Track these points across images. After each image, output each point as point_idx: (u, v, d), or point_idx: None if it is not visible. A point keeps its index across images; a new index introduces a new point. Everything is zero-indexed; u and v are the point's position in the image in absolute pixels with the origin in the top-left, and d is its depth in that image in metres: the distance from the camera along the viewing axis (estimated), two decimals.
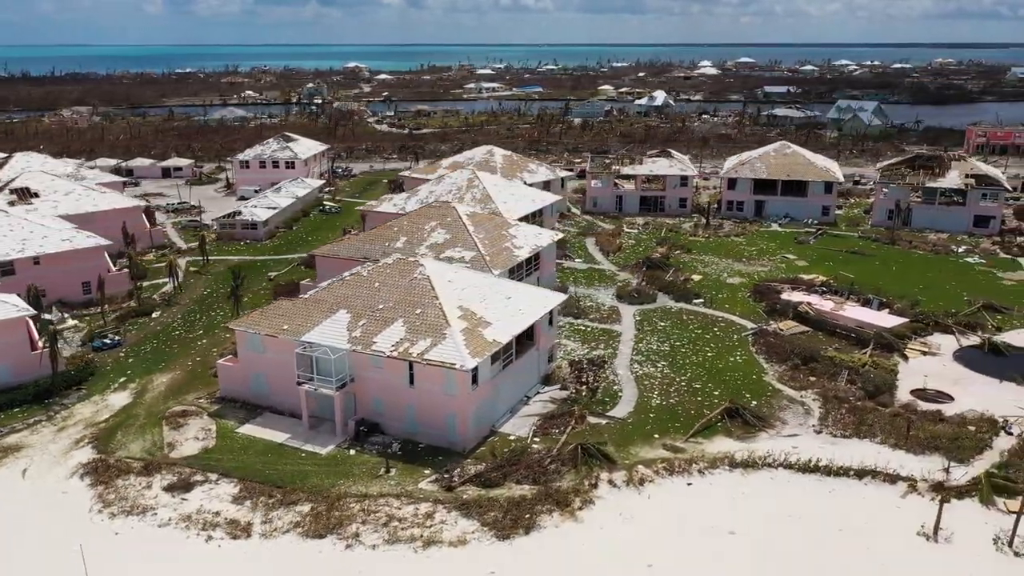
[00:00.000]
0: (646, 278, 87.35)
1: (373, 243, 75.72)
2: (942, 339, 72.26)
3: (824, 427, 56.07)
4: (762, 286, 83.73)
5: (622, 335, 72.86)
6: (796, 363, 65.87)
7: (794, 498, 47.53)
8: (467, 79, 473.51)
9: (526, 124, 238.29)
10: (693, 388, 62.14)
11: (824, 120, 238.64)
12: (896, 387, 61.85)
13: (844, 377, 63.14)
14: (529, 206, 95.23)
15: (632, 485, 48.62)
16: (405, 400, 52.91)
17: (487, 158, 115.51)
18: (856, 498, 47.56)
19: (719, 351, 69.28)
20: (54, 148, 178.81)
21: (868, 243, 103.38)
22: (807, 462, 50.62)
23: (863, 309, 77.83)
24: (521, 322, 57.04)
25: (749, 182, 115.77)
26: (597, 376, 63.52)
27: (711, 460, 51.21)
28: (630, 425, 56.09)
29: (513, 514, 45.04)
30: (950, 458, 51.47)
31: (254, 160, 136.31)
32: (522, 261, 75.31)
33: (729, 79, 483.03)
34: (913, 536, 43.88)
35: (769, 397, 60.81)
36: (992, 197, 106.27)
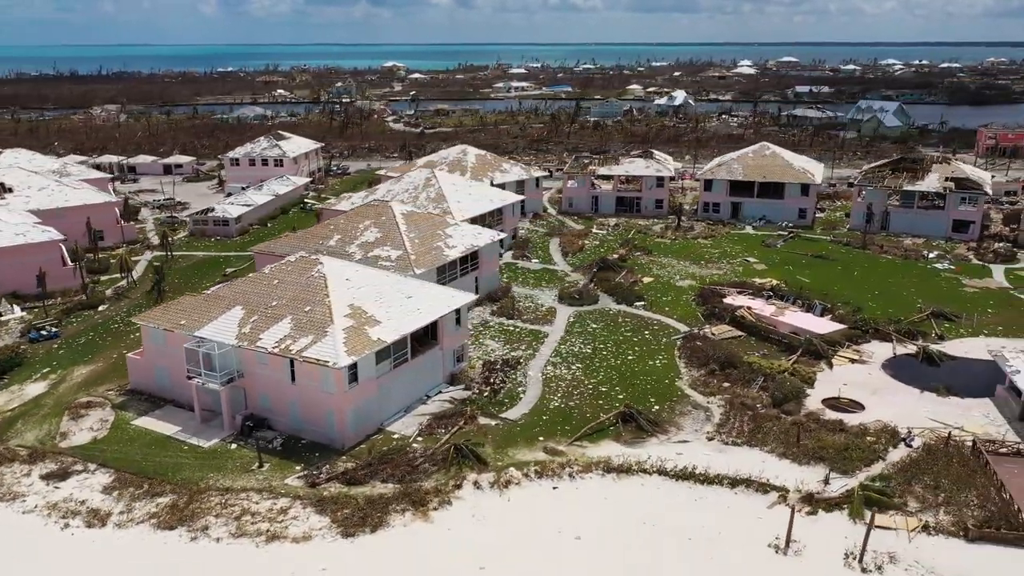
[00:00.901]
0: (596, 280, 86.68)
1: (308, 241, 76.60)
2: (881, 347, 70.46)
3: (718, 434, 55.09)
4: (707, 290, 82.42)
5: (549, 336, 72.47)
6: (713, 368, 64.81)
7: (656, 505, 46.85)
8: (500, 78, 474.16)
9: (539, 123, 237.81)
10: (599, 391, 61.56)
11: (845, 121, 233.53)
12: (805, 395, 60.40)
13: (758, 384, 61.95)
14: (486, 205, 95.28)
15: (497, 487, 48.43)
16: (289, 397, 53.52)
17: (460, 157, 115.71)
18: (721, 507, 46.69)
19: (642, 354, 68.48)
20: (69, 145, 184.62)
21: (839, 247, 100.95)
22: (682, 469, 49.85)
23: (803, 315, 76.19)
24: (415, 321, 57.19)
25: (725, 183, 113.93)
26: (506, 377, 63.40)
27: (586, 464, 50.75)
28: (519, 427, 55.83)
29: (365, 512, 45.26)
30: (835, 469, 50.22)
31: (244, 158, 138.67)
32: (454, 260, 75.43)
33: (765, 79, 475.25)
34: (764, 547, 42.93)
35: (675, 402, 59.98)
36: (971, 201, 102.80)
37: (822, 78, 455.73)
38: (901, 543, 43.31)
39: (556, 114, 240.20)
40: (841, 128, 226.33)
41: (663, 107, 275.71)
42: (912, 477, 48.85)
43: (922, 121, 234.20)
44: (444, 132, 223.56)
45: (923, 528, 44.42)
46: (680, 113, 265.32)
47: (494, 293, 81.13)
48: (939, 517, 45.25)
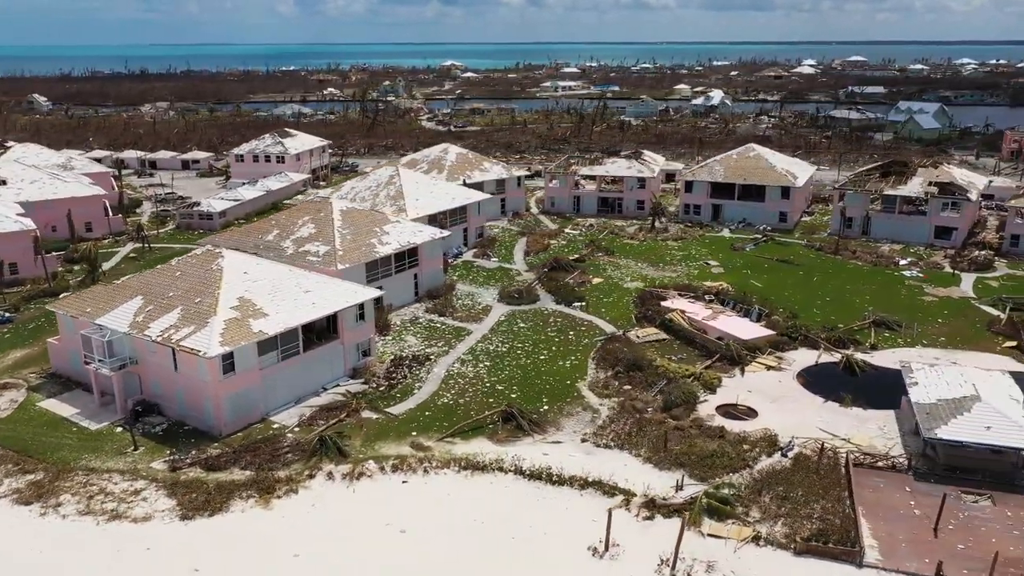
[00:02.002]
0: (546, 279, 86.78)
1: (248, 236, 79.12)
2: (809, 354, 68.78)
3: (594, 436, 54.90)
4: (648, 292, 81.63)
5: (472, 334, 73.09)
6: (619, 371, 64.47)
7: (496, 503, 47.14)
8: (552, 77, 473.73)
9: (568, 123, 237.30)
10: (495, 390, 61.96)
11: (883, 123, 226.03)
12: (700, 401, 59.56)
13: (658, 388, 61.37)
14: (446, 203, 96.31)
15: (348, 479, 49.50)
16: (175, 384, 55.66)
17: (441, 156, 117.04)
18: (560, 509, 46.70)
19: (556, 355, 68.51)
20: (104, 140, 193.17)
21: (810, 252, 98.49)
22: (536, 469, 49.98)
23: (735, 320, 74.87)
24: (306, 315, 58.68)
25: (706, 185, 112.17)
26: (410, 373, 64.40)
27: (445, 461, 51.35)
28: (397, 422, 56.73)
29: (210, 497, 46.91)
30: (693, 475, 49.62)
31: (248, 154, 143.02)
32: (386, 257, 76.70)
33: (824, 78, 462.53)
34: (583, 550, 42.86)
35: (567, 403, 59.94)
36: (955, 207, 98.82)
37: (882, 78, 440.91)
38: (727, 552, 42.68)
39: (584, 114, 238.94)
40: (878, 130, 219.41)
41: (699, 107, 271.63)
42: (766, 487, 47.93)
43: (968, 123, 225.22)
44: (471, 131, 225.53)
45: (754, 539, 43.64)
46: (716, 113, 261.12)
47: (435, 290, 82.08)
48: (774, 528, 44.36)
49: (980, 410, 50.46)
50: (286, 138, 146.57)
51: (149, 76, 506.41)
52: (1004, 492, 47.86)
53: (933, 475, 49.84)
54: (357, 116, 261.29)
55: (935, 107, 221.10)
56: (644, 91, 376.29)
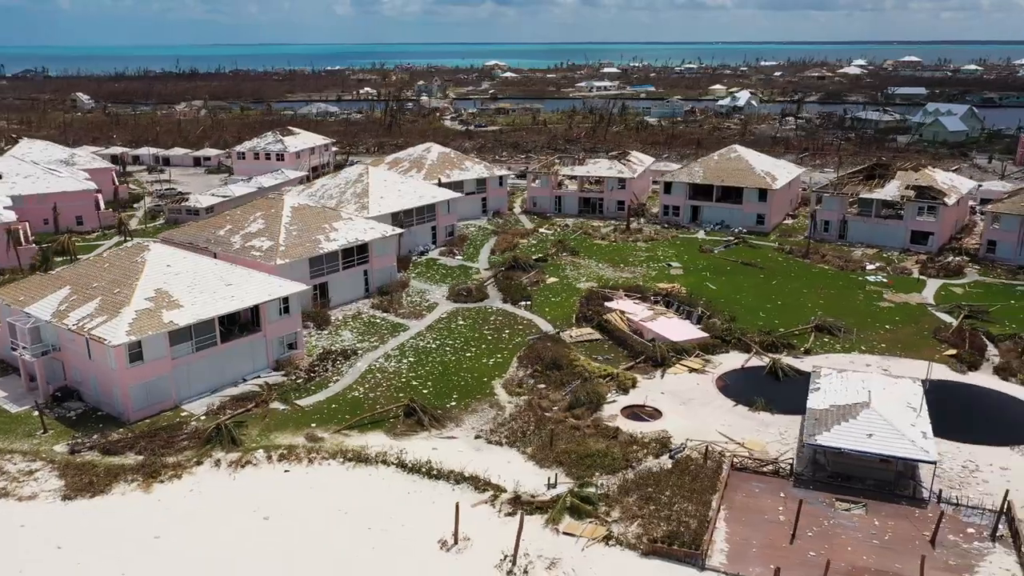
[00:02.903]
0: (502, 278, 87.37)
1: (203, 231, 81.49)
2: (741, 358, 68.14)
3: (488, 433, 55.42)
4: (594, 292, 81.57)
5: (408, 330, 74.16)
6: (537, 370, 64.83)
7: (367, 494, 48.09)
8: (591, 77, 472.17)
9: (588, 124, 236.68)
10: (410, 385, 62.92)
11: (911, 124, 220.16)
12: (608, 401, 59.56)
13: (569, 388, 61.52)
14: (413, 202, 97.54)
15: (234, 467, 50.99)
16: (91, 371, 57.96)
17: (423, 155, 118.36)
18: (427, 502, 47.37)
19: (483, 352, 69.16)
20: (127, 137, 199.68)
21: (779, 255, 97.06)
22: (416, 463, 50.76)
23: (673, 321, 74.42)
24: (222, 307, 60.41)
25: (685, 187, 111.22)
26: (333, 367, 65.75)
27: (333, 452, 52.49)
28: (301, 413, 58.09)
29: (95, 480, 48.84)
30: (570, 474, 49.84)
31: (249, 152, 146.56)
32: (332, 253, 78.18)
33: (869, 79, 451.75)
34: (433, 542, 43.52)
35: (476, 400, 60.55)
36: (931, 211, 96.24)
37: (928, 79, 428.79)
38: (575, 551, 42.91)
39: (603, 114, 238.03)
40: (904, 132, 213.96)
41: (725, 108, 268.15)
42: (636, 488, 47.86)
43: (1002, 125, 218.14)
44: (489, 131, 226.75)
45: (605, 538, 43.75)
46: (741, 114, 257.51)
47: (388, 287, 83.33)
48: (629, 529, 44.36)
49: (866, 417, 49.57)
50: (287, 136, 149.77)
51: (196, 75, 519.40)
52: (881, 501, 47.02)
53: (813, 482, 49.19)
54: (381, 115, 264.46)
55: (963, 109, 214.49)
56: (680, 92, 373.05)
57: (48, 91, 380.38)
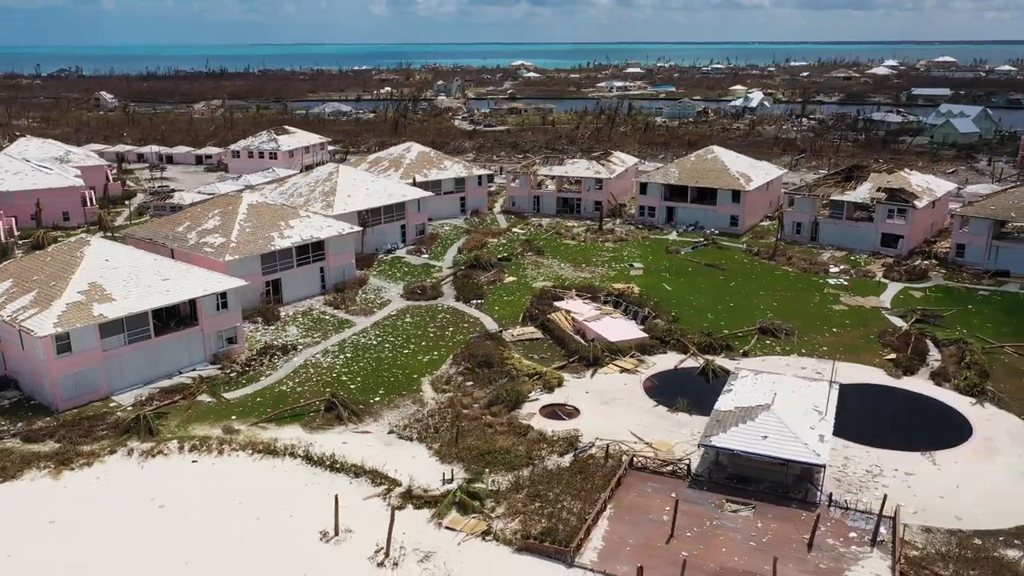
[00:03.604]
0: (462, 276, 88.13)
1: (164, 227, 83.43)
2: (677, 358, 68.11)
3: (402, 429, 56.15)
4: (545, 292, 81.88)
5: (355, 327, 75.25)
6: (469, 367, 65.45)
7: (265, 485, 49.09)
8: (616, 77, 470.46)
9: (594, 124, 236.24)
10: (339, 380, 63.92)
11: (925, 126, 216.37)
12: (528, 400, 59.96)
13: (495, 386, 62.00)
14: (380, 200, 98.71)
15: (145, 456, 52.37)
16: (25, 361, 59.84)
17: (402, 154, 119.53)
18: (322, 495, 47.92)
19: (421, 350, 69.94)
20: (137, 135, 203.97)
21: (746, 257, 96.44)
22: (321, 456, 51.69)
23: (618, 321, 74.46)
24: (155, 301, 61.95)
25: (660, 187, 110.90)
26: (270, 361, 67.02)
27: (244, 444, 53.65)
28: (224, 406, 59.38)
29: (9, 465, 50.49)
30: (468, 470, 50.43)
31: (244, 151, 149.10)
32: (285, 249, 79.52)
33: (897, 79, 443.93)
34: (315, 533, 44.37)
35: (401, 396, 61.36)
36: (902, 214, 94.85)
37: (959, 80, 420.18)
38: (451, 545, 43.49)
39: (611, 114, 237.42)
40: (917, 133, 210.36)
41: (738, 108, 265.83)
42: (530, 485, 48.24)
43: (1018, 127, 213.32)
44: (497, 130, 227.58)
45: (484, 533, 44.27)
46: (753, 115, 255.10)
47: (345, 284, 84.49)
48: (509, 525, 44.79)
49: (764, 420, 49.40)
50: (281, 135, 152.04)
51: (222, 75, 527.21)
52: (772, 504, 46.83)
53: (709, 483, 49.15)
54: (392, 114, 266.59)
55: (976, 110, 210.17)
56: (701, 92, 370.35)
57: (78, 90, 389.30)
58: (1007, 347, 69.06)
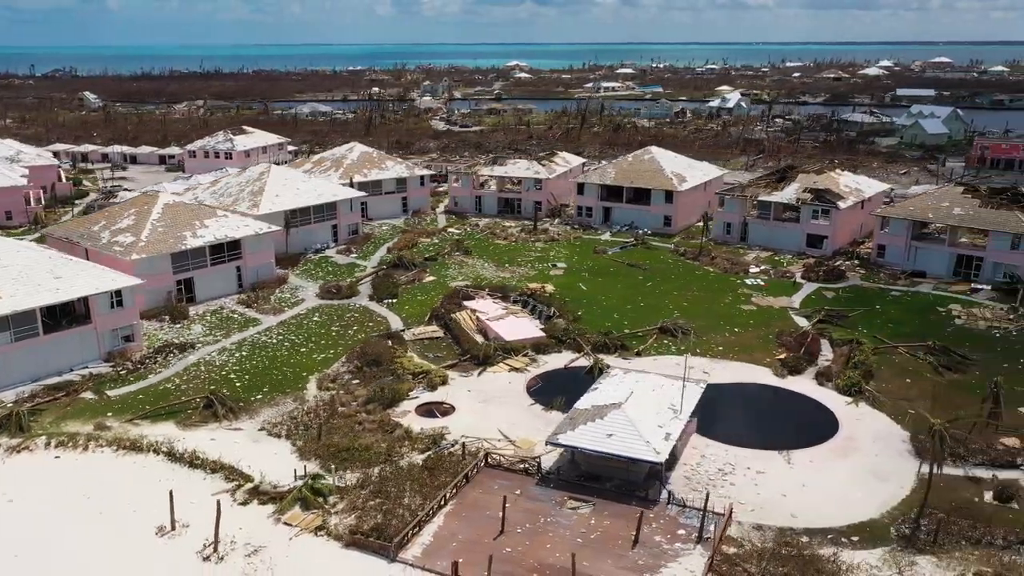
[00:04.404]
0: (383, 275, 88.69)
1: (81, 226, 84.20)
2: (570, 357, 68.52)
3: (272, 426, 56.68)
4: (457, 291, 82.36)
5: (260, 325, 75.88)
6: (359, 365, 66.01)
7: (117, 481, 49.63)
8: (607, 78, 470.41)
9: (571, 125, 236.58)
10: (227, 378, 64.53)
11: (894, 127, 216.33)
12: (403, 398, 60.46)
13: (376, 384, 62.48)
14: (311, 200, 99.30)
15: (10, 452, 53.02)
16: None
17: (345, 154, 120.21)
18: (175, 490, 48.45)
19: (319, 348, 70.52)
20: (108, 135, 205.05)
21: (671, 257, 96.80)
22: (182, 453, 52.27)
23: (521, 321, 74.87)
24: (43, 299, 62.63)
25: (597, 188, 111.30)
26: (164, 359, 67.65)
27: (112, 440, 54.23)
28: (104, 403, 60.03)
29: None
30: (324, 467, 50.97)
31: (200, 151, 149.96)
32: (197, 248, 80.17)
33: (888, 80, 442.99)
34: (150, 527, 44.95)
35: (284, 394, 61.92)
36: (825, 214, 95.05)
37: (946, 80, 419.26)
38: (283, 540, 44.02)
39: (582, 114, 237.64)
40: (888, 134, 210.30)
41: (715, 109, 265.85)
42: (377, 482, 48.76)
43: (989, 128, 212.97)
44: (471, 131, 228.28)
45: (317, 528, 44.81)
46: (729, 115, 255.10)
47: (263, 283, 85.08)
48: (344, 520, 45.30)
49: (612, 417, 49.85)
50: (238, 135, 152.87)
51: (213, 75, 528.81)
52: (614, 501, 47.20)
53: (556, 480, 49.59)
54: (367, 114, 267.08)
55: (947, 111, 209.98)
56: (688, 92, 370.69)
57: (68, 90, 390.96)
58: (900, 347, 69.28)
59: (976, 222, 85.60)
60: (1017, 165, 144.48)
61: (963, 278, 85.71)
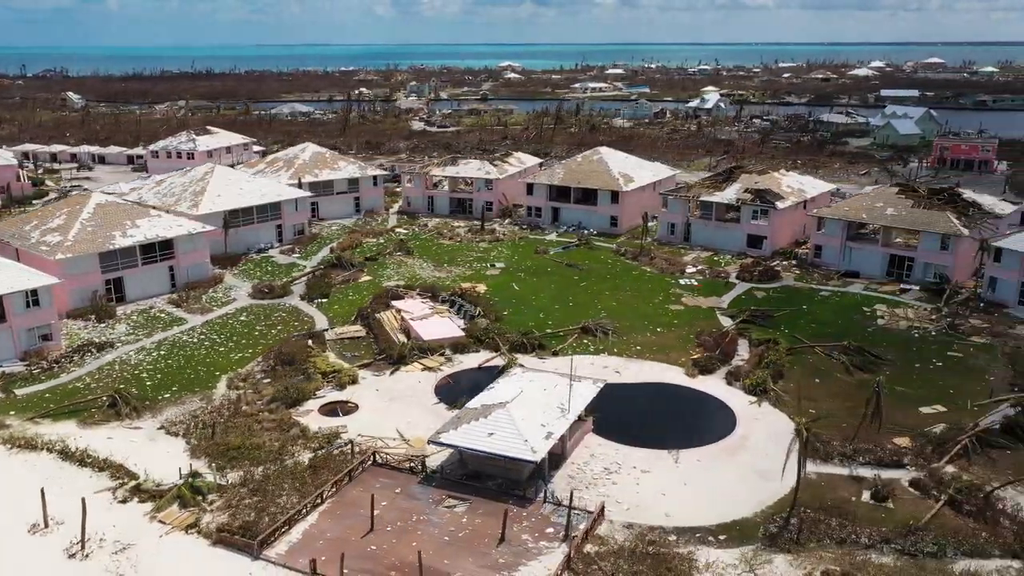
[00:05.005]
0: (320, 275, 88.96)
1: (14, 225, 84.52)
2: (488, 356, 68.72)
3: (171, 425, 56.89)
4: (385, 291, 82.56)
5: (186, 324, 76.14)
6: (272, 365, 66.23)
7: (7, 480, 49.87)
8: (596, 78, 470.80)
9: (549, 125, 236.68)
10: (138, 377, 64.76)
11: (870, 127, 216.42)
12: (308, 397, 60.69)
13: (280, 383, 62.66)
14: (256, 200, 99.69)
15: None
16: None
17: (297, 154, 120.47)
18: (56, 487, 48.70)
19: (238, 348, 70.77)
20: (80, 135, 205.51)
21: (611, 257, 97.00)
22: (73, 450, 52.54)
23: (444, 320, 75.07)
24: None
25: (545, 188, 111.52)
26: (81, 358, 67.90)
27: (6, 439, 54.44)
28: (10, 401, 60.32)
29: None
30: (212, 465, 51.22)
31: (162, 151, 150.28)
32: (128, 248, 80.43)
33: (875, 81, 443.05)
34: (25, 525, 45.18)
35: (192, 392, 62.17)
36: (764, 215, 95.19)
37: (932, 81, 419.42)
38: (153, 536, 44.26)
39: (558, 115, 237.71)
40: (863, 135, 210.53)
41: (694, 109, 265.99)
42: (260, 480, 49.00)
43: (965, 129, 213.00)
44: (447, 132, 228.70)
45: (189, 526, 45.05)
46: (708, 115, 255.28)
47: (197, 282, 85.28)
48: (216, 519, 45.50)
49: (496, 417, 50.03)
50: (201, 135, 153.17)
51: (203, 75, 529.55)
52: (491, 500, 47.34)
53: (439, 479, 49.80)
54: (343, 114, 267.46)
55: (920, 112, 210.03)
56: (675, 93, 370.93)
57: (55, 90, 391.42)
58: (817, 348, 69.42)
59: (907, 223, 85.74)
60: (977, 165, 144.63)
61: (896, 278, 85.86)
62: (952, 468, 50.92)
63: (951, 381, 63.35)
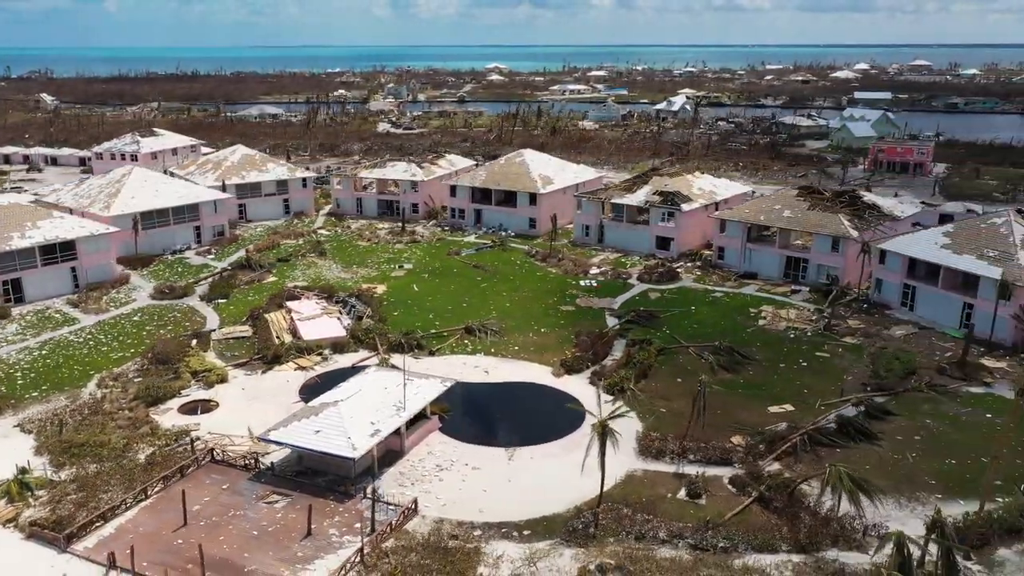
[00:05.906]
0: (227, 276, 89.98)
1: None
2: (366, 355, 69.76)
3: (27, 423, 57.82)
4: (285, 291, 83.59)
5: (76, 325, 77.11)
6: (148, 364, 67.25)
7: None
8: (579, 80, 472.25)
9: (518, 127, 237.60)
10: (12, 376, 65.70)
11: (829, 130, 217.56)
12: (173, 395, 61.74)
13: (142, 382, 63.72)
14: (172, 202, 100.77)
15: None
16: None
17: (227, 156, 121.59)
18: None
19: (125, 346, 71.77)
20: (39, 136, 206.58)
21: (521, 259, 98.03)
22: None
23: (325, 321, 76.06)
24: None
25: (468, 190, 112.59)
26: None
27: None
28: None
29: None
30: (54, 462, 52.21)
31: (107, 152, 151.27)
32: (25, 249, 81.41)
33: (855, 84, 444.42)
34: None
35: (61, 391, 63.14)
36: (671, 217, 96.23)
37: (906, 83, 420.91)
38: None
39: (521, 117, 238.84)
40: (822, 137, 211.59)
41: (663, 112, 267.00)
42: (92, 476, 50.03)
43: (926, 132, 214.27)
44: (412, 133, 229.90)
45: (7, 520, 46.06)
46: (675, 118, 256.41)
47: (100, 283, 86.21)
48: (41, 513, 46.49)
49: (326, 414, 51.12)
50: (146, 137, 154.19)
51: (186, 77, 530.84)
52: (315, 496, 48.29)
53: (268, 476, 50.79)
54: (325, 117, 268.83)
55: (877, 114, 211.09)
56: (652, 95, 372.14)
57: (34, 92, 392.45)
58: (691, 348, 70.46)
59: (801, 224, 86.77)
60: (911, 168, 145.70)
61: (792, 280, 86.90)
62: (777, 466, 52.03)
63: (809, 381, 64.44)
